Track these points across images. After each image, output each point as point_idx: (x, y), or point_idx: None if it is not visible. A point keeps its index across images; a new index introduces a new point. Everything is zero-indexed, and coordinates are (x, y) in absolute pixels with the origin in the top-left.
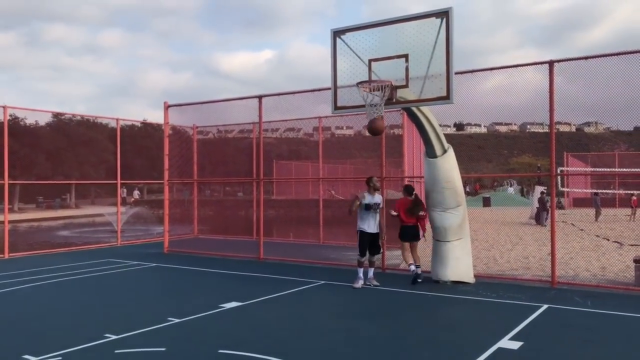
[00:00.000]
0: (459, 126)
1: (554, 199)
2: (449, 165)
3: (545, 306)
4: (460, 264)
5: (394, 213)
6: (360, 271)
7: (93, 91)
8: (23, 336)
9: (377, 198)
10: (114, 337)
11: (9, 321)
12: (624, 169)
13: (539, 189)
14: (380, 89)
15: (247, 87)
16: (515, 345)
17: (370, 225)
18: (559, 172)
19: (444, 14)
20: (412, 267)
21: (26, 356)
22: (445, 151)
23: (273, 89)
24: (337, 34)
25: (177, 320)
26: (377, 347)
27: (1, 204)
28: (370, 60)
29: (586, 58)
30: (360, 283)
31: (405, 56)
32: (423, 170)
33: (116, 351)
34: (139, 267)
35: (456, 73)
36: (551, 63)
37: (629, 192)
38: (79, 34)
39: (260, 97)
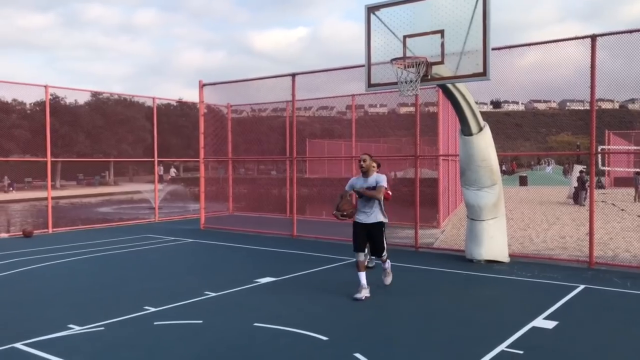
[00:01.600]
0: (496, 104)
1: (594, 178)
2: (484, 143)
3: (582, 286)
4: (495, 243)
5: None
6: (362, 277)
7: (129, 71)
8: (68, 307)
9: (370, 180)
10: (152, 309)
11: (55, 293)
12: None
13: (577, 168)
14: (415, 65)
15: (280, 66)
16: (550, 324)
17: (363, 213)
18: (599, 150)
19: None
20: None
21: (71, 325)
22: (481, 129)
23: (306, 67)
24: (371, 10)
25: (213, 294)
26: (410, 324)
27: (44, 181)
28: (404, 37)
29: (630, 32)
30: (364, 293)
31: (441, 32)
32: (458, 148)
33: (155, 323)
34: (176, 243)
35: (493, 49)
36: (593, 37)
37: None
38: (115, 14)
39: (293, 75)
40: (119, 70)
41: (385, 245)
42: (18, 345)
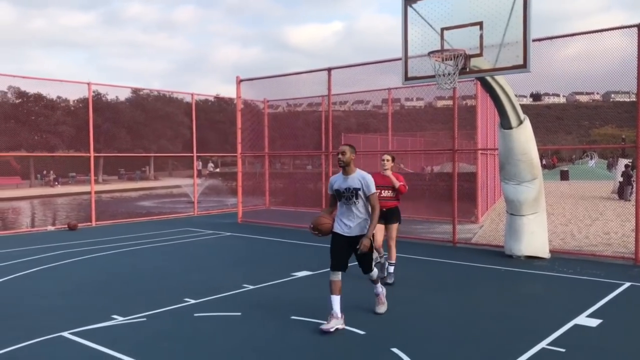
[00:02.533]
0: (536, 96)
1: None
2: (524, 136)
3: (627, 284)
4: (535, 239)
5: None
6: (336, 303)
7: (167, 67)
8: (112, 298)
9: (352, 180)
10: (192, 301)
11: (98, 284)
12: None
13: (623, 162)
14: (453, 58)
15: (315, 60)
16: (594, 322)
17: (344, 223)
18: None
19: None
20: (378, 258)
21: (115, 316)
22: (521, 122)
23: (340, 61)
24: (408, 2)
25: (251, 287)
26: (449, 319)
27: (87, 176)
28: (442, 29)
29: None
30: (333, 323)
31: (480, 23)
32: (497, 142)
33: (195, 314)
34: (215, 236)
35: (534, 40)
36: None
37: None
38: (153, 11)
39: (329, 70)
40: (157, 67)
41: (374, 263)
42: (65, 334)
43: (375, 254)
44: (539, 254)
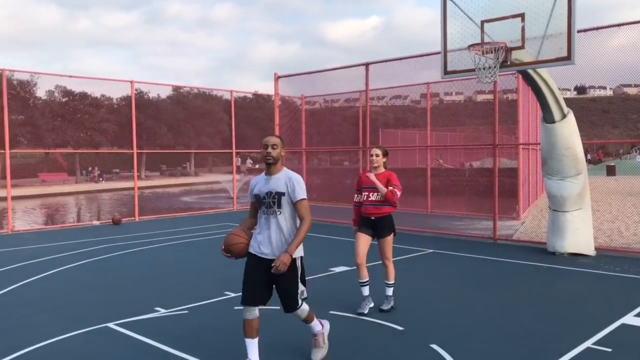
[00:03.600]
0: (581, 89)
1: None
2: (568, 131)
3: None
4: (579, 236)
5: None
6: (253, 349)
7: (206, 65)
8: (154, 291)
9: (276, 182)
10: (232, 294)
11: (141, 277)
12: None
13: None
14: (494, 51)
15: (352, 56)
16: None
17: (264, 239)
18: None
19: None
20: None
21: (158, 308)
22: (564, 116)
23: (378, 56)
24: None
25: None
26: (487, 316)
27: (130, 172)
28: (482, 22)
29: None
30: None
31: (521, 15)
32: (539, 136)
33: (235, 308)
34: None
35: (579, 31)
36: None
37: None
38: (193, 9)
39: (367, 65)
40: (197, 65)
41: (299, 297)
42: (110, 324)
43: (301, 287)
44: (584, 251)
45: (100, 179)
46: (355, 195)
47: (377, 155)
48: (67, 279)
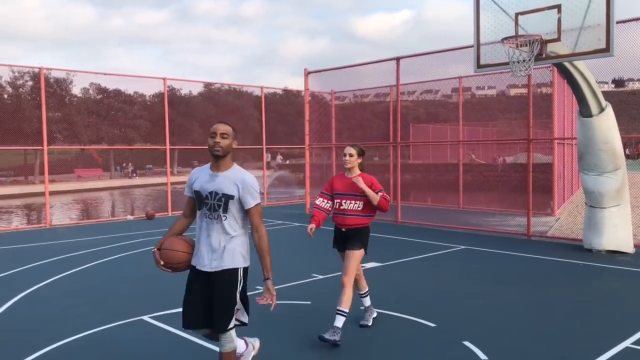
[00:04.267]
0: (619, 82)
1: None
2: (606, 125)
3: None
4: (617, 233)
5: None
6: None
7: (237, 62)
8: None
9: (224, 181)
10: (262, 289)
11: None
12: None
13: None
14: (528, 44)
15: (382, 50)
16: None
17: (204, 247)
18: None
19: None
20: (340, 314)
21: None
22: (602, 109)
23: (408, 50)
24: None
25: (320, 277)
26: (521, 315)
27: (163, 168)
28: (516, 14)
29: None
30: None
31: (557, 7)
32: (576, 131)
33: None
34: (283, 226)
35: (618, 22)
36: None
37: None
38: (223, 6)
39: (397, 59)
40: (227, 61)
41: (234, 318)
42: (145, 317)
43: (239, 306)
44: (622, 249)
45: (134, 174)
46: (321, 200)
47: (350, 155)
48: (103, 272)
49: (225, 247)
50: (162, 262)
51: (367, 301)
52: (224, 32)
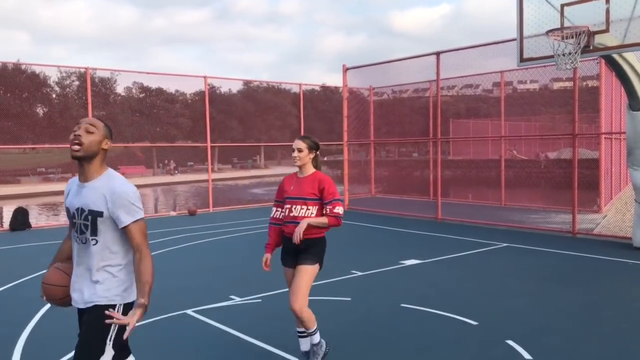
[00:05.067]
0: None
1: None
2: None
3: None
4: None
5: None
6: None
7: (275, 59)
8: (229, 280)
9: (91, 193)
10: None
11: (218, 266)
12: None
13: None
14: (574, 36)
15: (421, 45)
16: None
17: (75, 278)
18: None
19: None
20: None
21: (233, 296)
22: None
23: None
24: None
25: (360, 274)
26: (569, 314)
27: (204, 164)
28: (562, 5)
29: None
30: None
31: None
32: (624, 125)
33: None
34: None
35: None
36: None
37: None
38: (262, 3)
39: (438, 54)
40: (265, 59)
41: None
42: (189, 311)
43: (109, 353)
44: None
45: (176, 171)
46: (275, 210)
47: (299, 150)
48: None
49: (92, 278)
50: (44, 297)
51: (315, 338)
52: (262, 29)
